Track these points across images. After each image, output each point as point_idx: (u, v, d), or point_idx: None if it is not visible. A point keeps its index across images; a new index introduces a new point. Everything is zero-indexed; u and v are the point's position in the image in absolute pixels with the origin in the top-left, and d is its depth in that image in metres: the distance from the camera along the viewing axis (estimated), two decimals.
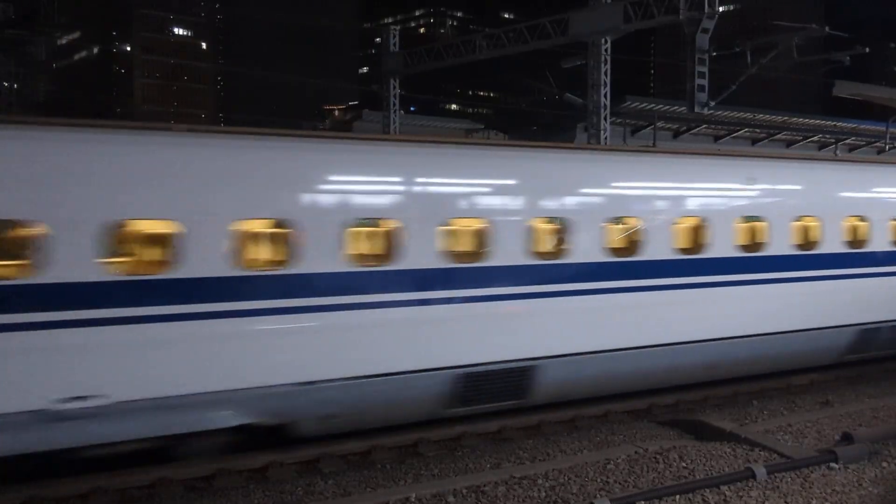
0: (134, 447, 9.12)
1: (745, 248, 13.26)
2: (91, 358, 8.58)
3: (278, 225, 9.79)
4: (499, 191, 11.09)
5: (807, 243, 14.05)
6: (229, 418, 9.34)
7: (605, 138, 24.87)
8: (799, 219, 13.95)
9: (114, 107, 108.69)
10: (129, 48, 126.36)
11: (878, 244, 14.83)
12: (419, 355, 10.30)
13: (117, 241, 8.96)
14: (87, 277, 8.58)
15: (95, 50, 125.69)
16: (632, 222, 12.05)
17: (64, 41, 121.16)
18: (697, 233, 12.85)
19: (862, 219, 14.77)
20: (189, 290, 9.04)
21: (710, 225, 12.70)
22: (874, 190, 15.22)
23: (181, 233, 8.99)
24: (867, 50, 24.97)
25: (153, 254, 9.62)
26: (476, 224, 10.91)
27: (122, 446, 9.02)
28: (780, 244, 13.49)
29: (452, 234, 10.88)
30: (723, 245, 12.79)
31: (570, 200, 11.51)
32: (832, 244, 14.14)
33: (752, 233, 13.57)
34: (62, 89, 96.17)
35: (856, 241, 14.64)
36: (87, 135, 9.06)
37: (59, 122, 9.22)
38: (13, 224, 8.62)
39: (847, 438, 9.99)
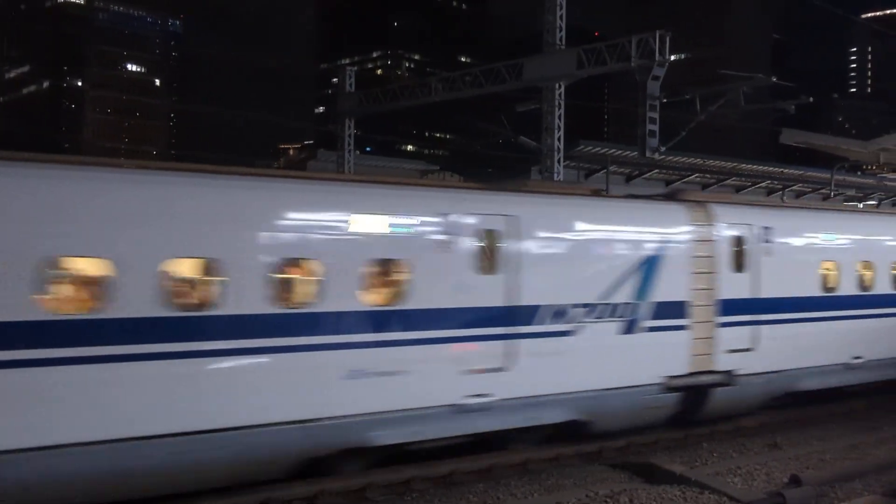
0: None
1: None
2: None
3: None
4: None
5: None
6: None
7: (559, 181, 25.13)
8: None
9: (62, 142, 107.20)
10: (80, 83, 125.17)
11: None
12: None
13: None
14: None
15: (45, 84, 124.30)
16: None
17: (12, 74, 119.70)
18: None
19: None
20: None
21: None
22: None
23: None
24: (811, 99, 25.74)
25: None
26: None
27: None
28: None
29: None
30: None
31: None
32: None
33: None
34: (9, 123, 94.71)
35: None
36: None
37: None
38: None
39: (795, 481, 10.03)
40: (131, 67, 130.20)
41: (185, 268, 9.42)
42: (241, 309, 9.28)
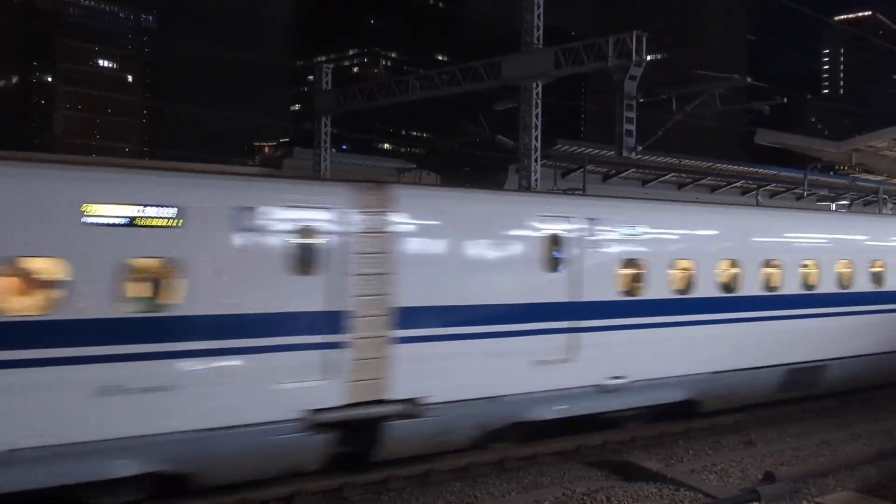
0: None
1: None
2: None
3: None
4: None
5: None
6: None
7: (536, 180, 25.13)
8: None
9: (32, 138, 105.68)
10: (50, 79, 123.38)
11: None
12: None
13: None
14: None
15: (14, 80, 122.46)
16: None
17: None
18: None
19: None
20: None
21: None
22: None
23: None
24: (785, 100, 25.91)
25: None
26: None
27: None
28: None
29: None
30: None
31: None
32: None
33: None
34: None
35: None
36: None
37: None
38: None
39: (769, 478, 10.12)
40: (103, 63, 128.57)
41: None
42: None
